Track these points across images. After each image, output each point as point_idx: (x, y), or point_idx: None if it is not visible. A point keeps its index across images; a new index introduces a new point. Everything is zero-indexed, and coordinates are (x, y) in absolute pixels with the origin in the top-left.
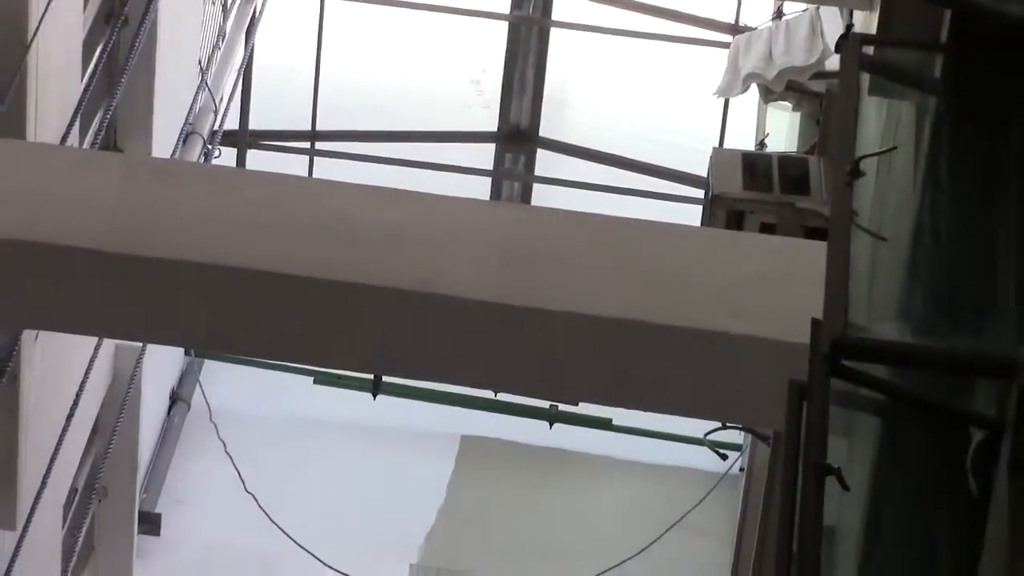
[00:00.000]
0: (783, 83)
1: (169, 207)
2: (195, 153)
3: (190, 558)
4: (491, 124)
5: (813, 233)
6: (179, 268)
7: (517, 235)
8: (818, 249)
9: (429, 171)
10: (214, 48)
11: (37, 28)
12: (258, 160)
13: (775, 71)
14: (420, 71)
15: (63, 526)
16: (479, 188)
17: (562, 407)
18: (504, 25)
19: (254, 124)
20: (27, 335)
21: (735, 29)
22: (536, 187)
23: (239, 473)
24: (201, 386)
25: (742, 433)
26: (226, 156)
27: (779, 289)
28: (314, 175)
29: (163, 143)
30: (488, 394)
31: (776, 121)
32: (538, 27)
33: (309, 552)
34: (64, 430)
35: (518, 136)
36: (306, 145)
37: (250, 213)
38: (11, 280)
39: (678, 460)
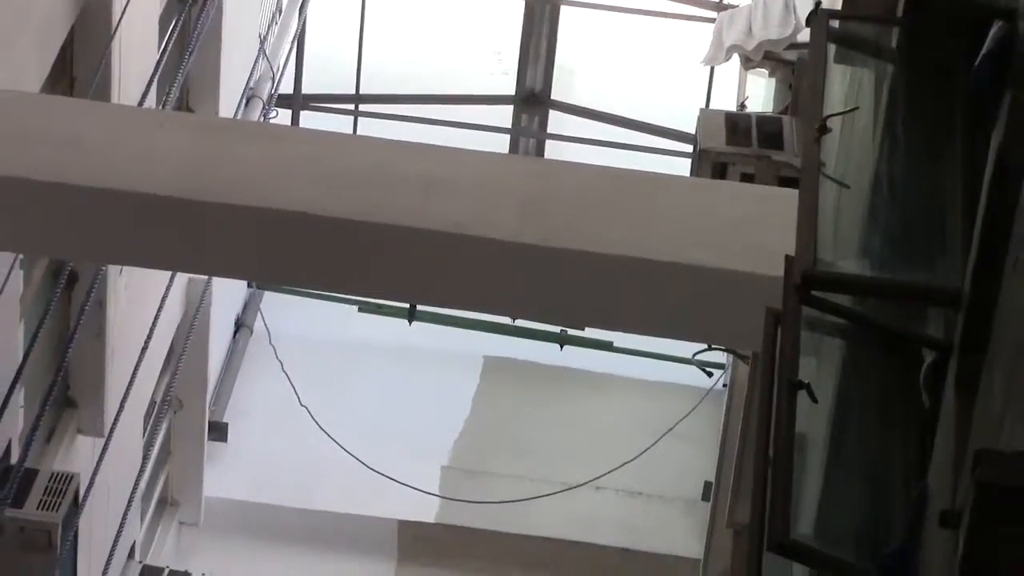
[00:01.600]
0: (761, 53)
1: (233, 160)
2: (255, 113)
3: (252, 461)
4: (509, 89)
5: (786, 182)
6: (242, 212)
7: (532, 184)
8: (791, 196)
9: (457, 129)
10: (271, 22)
11: (124, 10)
12: (310, 120)
13: (754, 43)
14: (449, 44)
15: (143, 434)
16: (499, 144)
17: (570, 331)
18: (521, 4)
19: (306, 88)
20: (112, 270)
21: (719, 6)
22: (548, 143)
23: (294, 389)
24: (262, 314)
25: (725, 353)
26: (282, 116)
27: (757, 230)
28: (358, 132)
29: (228, 105)
30: (508, 320)
31: (755, 86)
32: (550, 5)
33: (354, 456)
34: (144, 351)
35: (533, 99)
36: (351, 107)
37: (303, 165)
38: (98, 222)
39: (670, 377)
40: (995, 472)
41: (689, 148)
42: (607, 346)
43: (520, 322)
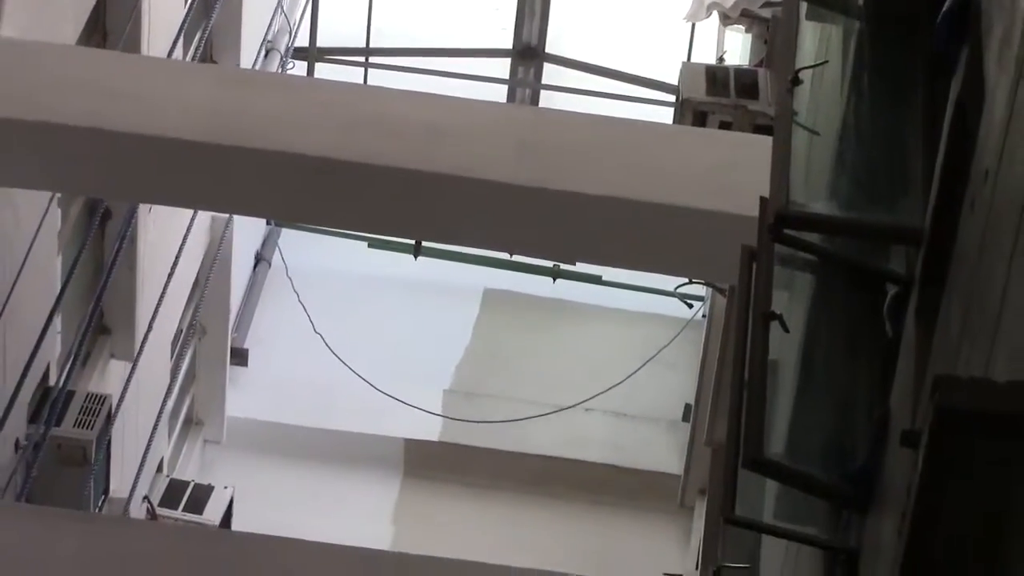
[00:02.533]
0: (738, 10)
1: (254, 108)
2: (274, 65)
3: (271, 384)
4: (507, 42)
5: (761, 129)
6: (262, 156)
7: (528, 130)
8: (765, 142)
9: (458, 80)
10: None
11: None
12: (324, 71)
13: (732, 0)
14: (451, 0)
15: (170, 358)
16: (497, 94)
17: (563, 266)
18: None
19: (320, 42)
20: (142, 207)
21: None
22: (543, 93)
23: (309, 317)
24: (279, 249)
25: (705, 287)
26: (298, 68)
27: (734, 173)
28: (368, 83)
29: (248, 57)
30: (506, 256)
31: (733, 41)
32: None
33: (364, 380)
34: (170, 282)
35: (529, 52)
36: (362, 59)
37: (318, 112)
38: (130, 164)
39: (654, 308)
40: (952, 396)
41: (672, 98)
42: (596, 279)
43: (517, 257)
